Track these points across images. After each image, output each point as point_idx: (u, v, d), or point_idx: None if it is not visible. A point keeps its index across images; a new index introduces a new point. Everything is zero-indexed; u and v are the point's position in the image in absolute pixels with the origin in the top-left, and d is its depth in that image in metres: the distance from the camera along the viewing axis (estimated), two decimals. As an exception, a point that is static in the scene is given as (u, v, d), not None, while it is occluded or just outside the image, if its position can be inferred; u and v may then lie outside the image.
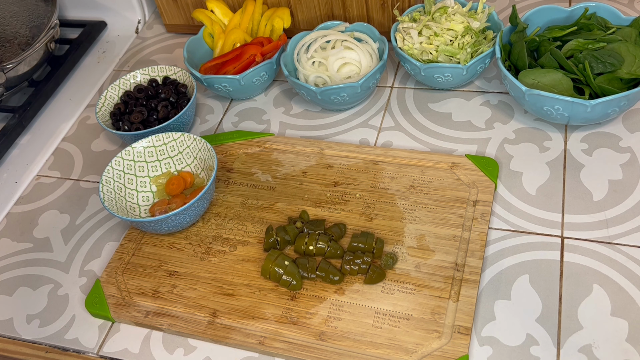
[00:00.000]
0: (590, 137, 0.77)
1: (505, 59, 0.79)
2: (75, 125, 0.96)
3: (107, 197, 0.74)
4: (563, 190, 0.72)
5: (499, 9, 0.98)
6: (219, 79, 0.86)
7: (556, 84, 0.73)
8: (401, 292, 0.65)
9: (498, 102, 0.83)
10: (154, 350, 0.66)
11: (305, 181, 0.78)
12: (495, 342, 0.61)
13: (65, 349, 0.69)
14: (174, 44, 1.07)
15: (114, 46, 1.09)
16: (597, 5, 0.79)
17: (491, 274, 0.66)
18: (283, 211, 0.75)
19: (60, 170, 0.89)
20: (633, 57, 0.72)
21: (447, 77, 0.81)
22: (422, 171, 0.75)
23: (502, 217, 0.71)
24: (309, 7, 0.95)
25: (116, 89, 0.89)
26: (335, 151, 0.80)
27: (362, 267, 0.66)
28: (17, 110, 0.95)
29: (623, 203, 0.69)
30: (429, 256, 0.67)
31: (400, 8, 0.89)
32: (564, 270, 0.65)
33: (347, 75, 0.85)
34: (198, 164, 0.79)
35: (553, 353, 0.59)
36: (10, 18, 1.04)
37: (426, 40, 0.82)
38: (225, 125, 0.90)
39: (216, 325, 0.66)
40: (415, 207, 0.72)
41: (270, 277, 0.68)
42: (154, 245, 0.75)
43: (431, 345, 0.60)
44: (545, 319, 0.61)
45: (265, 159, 0.81)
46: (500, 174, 0.75)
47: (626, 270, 0.64)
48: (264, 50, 0.88)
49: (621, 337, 0.59)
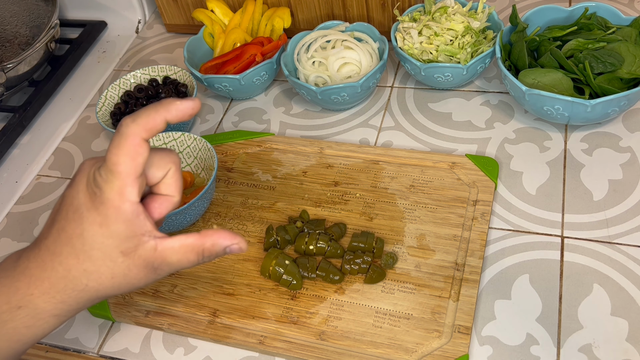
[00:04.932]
0: (590, 137, 0.77)
1: (505, 58, 0.79)
2: (76, 125, 0.96)
3: (107, 196, 0.74)
4: (563, 190, 0.72)
5: (499, 9, 0.98)
6: (219, 78, 0.86)
7: (556, 83, 0.73)
8: (401, 292, 0.65)
9: (498, 101, 0.83)
10: (154, 350, 0.67)
11: (305, 181, 0.78)
12: (495, 342, 0.61)
13: (66, 348, 0.69)
14: (174, 43, 1.07)
15: (114, 46, 1.09)
16: (597, 5, 0.79)
17: (491, 273, 0.66)
18: (283, 211, 0.75)
19: (61, 170, 0.89)
20: (633, 57, 0.72)
21: (447, 76, 0.81)
22: (422, 171, 0.75)
23: (502, 217, 0.71)
24: (309, 7, 0.95)
25: (116, 89, 0.89)
26: (336, 151, 0.80)
27: (362, 267, 0.66)
28: (17, 110, 0.95)
29: (623, 203, 0.69)
30: (429, 256, 0.67)
31: (400, 8, 0.89)
32: (564, 270, 0.65)
33: (347, 75, 0.85)
34: (198, 164, 0.79)
35: (553, 353, 0.59)
36: (11, 18, 1.04)
37: (426, 40, 0.82)
38: (226, 125, 0.90)
39: (216, 324, 0.66)
40: (416, 206, 0.72)
41: (270, 276, 0.68)
42: (154, 244, 0.74)
43: (431, 345, 0.60)
44: (545, 319, 0.62)
45: (265, 158, 0.81)
46: (501, 173, 0.75)
47: (626, 270, 0.64)
48: (264, 50, 0.88)
49: (621, 337, 0.59)
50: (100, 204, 0.44)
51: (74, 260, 0.45)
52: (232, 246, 0.48)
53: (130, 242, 0.45)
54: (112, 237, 0.44)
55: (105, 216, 0.44)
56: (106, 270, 0.45)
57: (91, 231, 0.44)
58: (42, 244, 0.46)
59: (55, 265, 0.46)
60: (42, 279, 0.46)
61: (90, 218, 0.44)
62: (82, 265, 0.45)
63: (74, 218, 0.45)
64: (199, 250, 0.47)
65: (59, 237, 0.46)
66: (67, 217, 0.45)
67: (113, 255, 0.45)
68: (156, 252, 0.46)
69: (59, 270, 0.45)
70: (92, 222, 0.44)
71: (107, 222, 0.44)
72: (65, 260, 0.45)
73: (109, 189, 0.44)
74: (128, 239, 0.45)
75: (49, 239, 0.46)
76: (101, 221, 0.44)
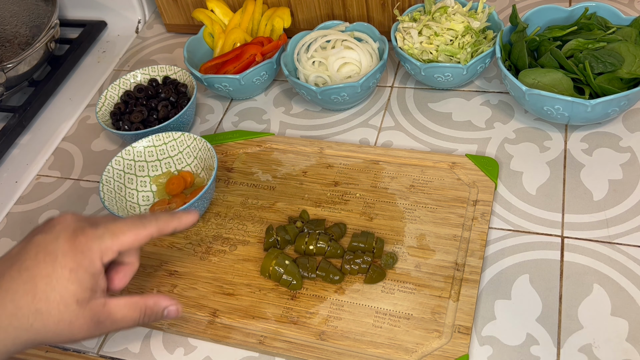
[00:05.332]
0: (590, 136, 0.77)
1: (505, 58, 0.79)
2: (76, 125, 0.96)
3: (107, 196, 0.74)
4: (563, 190, 0.72)
5: (499, 9, 0.98)
6: (219, 78, 0.86)
7: (556, 83, 0.73)
8: (401, 292, 0.65)
9: (498, 101, 0.83)
10: (154, 350, 0.66)
11: (305, 181, 0.78)
12: (495, 342, 0.61)
13: (66, 348, 0.69)
14: (174, 43, 1.07)
15: (114, 46, 1.09)
16: (597, 5, 0.79)
17: (491, 273, 0.66)
18: (283, 211, 0.75)
19: (61, 170, 0.89)
20: (633, 56, 0.72)
21: (447, 76, 0.81)
22: (422, 171, 0.75)
23: (502, 217, 0.71)
24: (309, 6, 0.95)
25: (116, 89, 0.89)
26: (336, 151, 0.80)
27: (362, 267, 0.66)
28: (17, 110, 0.95)
29: (623, 203, 0.69)
30: (429, 256, 0.67)
31: (400, 8, 0.89)
32: (564, 270, 0.65)
33: (347, 75, 0.85)
34: (198, 164, 0.79)
35: (553, 353, 0.59)
36: (10, 18, 1.04)
37: (426, 40, 0.82)
38: (225, 125, 0.90)
39: (216, 324, 0.66)
40: (416, 206, 0.72)
41: (270, 276, 0.68)
42: (154, 244, 0.75)
43: (431, 345, 0.60)
44: (545, 319, 0.61)
45: (265, 158, 0.81)
46: (501, 173, 0.75)
47: (626, 270, 0.64)
48: (264, 50, 0.88)
49: (621, 337, 0.59)
50: (79, 253, 0.49)
51: (29, 298, 0.48)
52: (170, 307, 0.55)
53: (87, 293, 0.50)
54: (76, 284, 0.49)
55: (78, 264, 0.49)
56: (56, 314, 0.49)
57: (60, 274, 0.49)
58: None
59: (5, 302, 0.48)
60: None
61: (63, 262, 0.49)
62: (36, 305, 0.48)
63: (45, 260, 0.49)
64: (142, 308, 0.53)
65: (19, 276, 0.49)
66: (37, 259, 0.49)
67: (69, 301, 0.49)
68: (104, 308, 0.51)
69: (8, 307, 0.48)
70: (64, 266, 0.49)
71: (77, 270, 0.49)
72: (19, 298, 0.48)
73: (96, 244, 0.50)
74: (86, 290, 0.50)
75: (5, 277, 0.49)
76: (73, 267, 0.49)
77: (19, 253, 0.50)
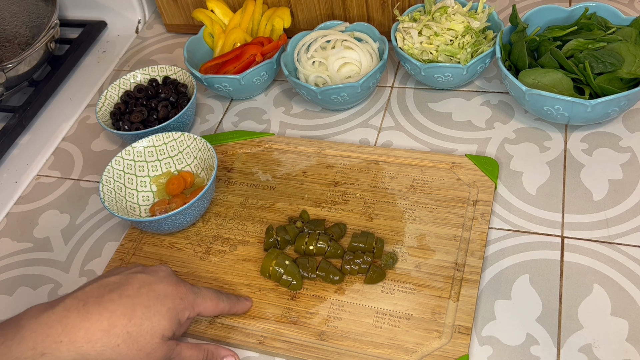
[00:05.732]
0: (590, 137, 0.77)
1: (505, 58, 0.79)
2: (75, 125, 0.96)
3: (107, 196, 0.74)
4: (563, 190, 0.72)
5: (499, 9, 0.98)
6: (219, 78, 0.86)
7: (556, 83, 0.73)
8: (401, 292, 0.65)
9: (498, 101, 0.83)
10: (154, 350, 0.66)
11: (305, 181, 0.78)
12: (495, 342, 0.61)
13: None
14: (174, 43, 1.07)
15: (114, 46, 1.09)
16: (597, 5, 0.79)
17: (491, 273, 0.66)
18: (283, 211, 0.75)
19: (60, 170, 0.89)
20: (633, 57, 0.72)
21: (447, 76, 0.81)
22: (422, 171, 0.75)
23: (502, 217, 0.71)
24: (309, 7, 0.95)
25: (116, 89, 0.89)
26: (336, 151, 0.80)
27: (362, 267, 0.66)
28: (17, 110, 0.95)
29: (623, 203, 0.69)
30: (429, 256, 0.67)
31: (400, 8, 0.89)
32: (564, 270, 0.65)
33: (347, 75, 0.85)
34: (198, 164, 0.79)
35: (553, 353, 0.59)
36: (10, 18, 1.04)
37: (426, 40, 0.82)
38: (225, 125, 0.90)
39: (216, 325, 0.66)
40: (416, 206, 0.72)
41: (270, 276, 0.68)
42: (154, 245, 0.75)
43: (431, 345, 0.60)
44: (545, 319, 0.61)
45: (265, 158, 0.81)
46: (501, 173, 0.75)
47: (626, 270, 0.64)
48: (264, 50, 0.88)
49: (621, 337, 0.59)
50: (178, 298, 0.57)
51: (125, 320, 0.53)
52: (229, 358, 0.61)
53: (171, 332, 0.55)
54: (168, 321, 0.55)
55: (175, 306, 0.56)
56: (142, 341, 0.53)
57: (158, 309, 0.55)
58: (89, 300, 0.53)
59: (102, 319, 0.52)
60: (80, 327, 0.51)
61: (164, 300, 0.55)
62: (129, 328, 0.53)
63: (148, 294, 0.55)
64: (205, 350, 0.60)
65: (119, 299, 0.53)
66: (140, 292, 0.55)
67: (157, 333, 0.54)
68: (177, 347, 0.57)
69: (104, 323, 0.52)
70: (164, 304, 0.55)
71: (173, 310, 0.56)
72: (116, 318, 0.52)
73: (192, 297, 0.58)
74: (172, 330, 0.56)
75: (104, 298, 0.53)
76: (170, 307, 0.55)
77: (119, 283, 0.55)
